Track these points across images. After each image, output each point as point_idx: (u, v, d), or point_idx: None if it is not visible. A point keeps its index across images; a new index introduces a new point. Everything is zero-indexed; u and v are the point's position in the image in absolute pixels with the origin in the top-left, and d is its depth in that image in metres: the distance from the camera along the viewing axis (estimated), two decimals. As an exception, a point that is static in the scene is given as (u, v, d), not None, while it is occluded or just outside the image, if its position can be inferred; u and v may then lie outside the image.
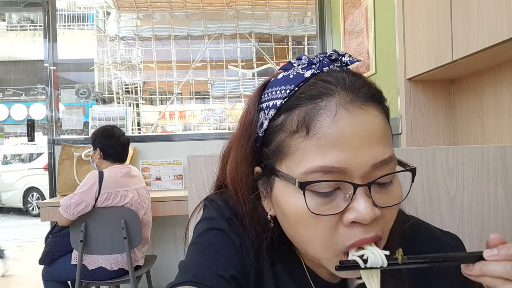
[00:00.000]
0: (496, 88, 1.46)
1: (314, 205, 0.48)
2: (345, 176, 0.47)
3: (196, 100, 12.79)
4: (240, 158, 0.56)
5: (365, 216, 0.46)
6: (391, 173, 0.49)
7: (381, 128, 0.49)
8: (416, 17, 1.61)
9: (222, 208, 0.59)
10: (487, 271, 0.45)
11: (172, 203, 2.68)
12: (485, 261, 0.46)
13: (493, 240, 0.47)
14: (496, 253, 0.46)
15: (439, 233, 0.63)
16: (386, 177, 0.49)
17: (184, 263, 0.55)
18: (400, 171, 0.51)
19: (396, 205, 0.50)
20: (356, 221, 0.47)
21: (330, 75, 0.51)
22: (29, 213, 8.47)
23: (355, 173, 0.47)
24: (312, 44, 11.85)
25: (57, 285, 2.35)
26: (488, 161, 0.93)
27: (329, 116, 0.47)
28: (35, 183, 8.46)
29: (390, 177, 0.50)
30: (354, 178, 0.47)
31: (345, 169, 0.47)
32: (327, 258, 0.50)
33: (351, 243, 0.48)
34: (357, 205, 0.47)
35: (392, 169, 0.50)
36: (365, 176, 0.47)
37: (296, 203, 0.49)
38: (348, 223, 0.47)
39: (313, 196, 0.48)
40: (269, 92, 0.55)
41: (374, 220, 0.47)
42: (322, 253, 0.50)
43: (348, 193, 0.47)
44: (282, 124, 0.51)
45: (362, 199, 0.47)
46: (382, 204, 0.48)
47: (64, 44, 11.73)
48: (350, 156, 0.47)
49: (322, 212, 0.48)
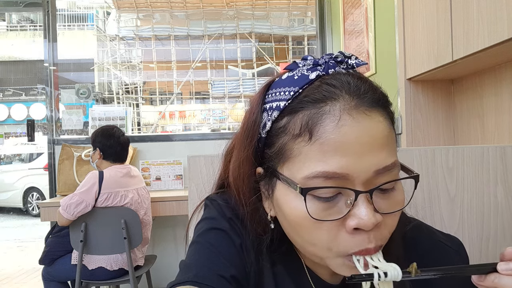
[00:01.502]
0: (496, 88, 1.46)
1: (315, 210, 0.48)
2: (347, 182, 0.47)
3: (196, 100, 12.79)
4: (242, 159, 0.56)
5: (367, 222, 0.46)
6: (393, 180, 0.49)
7: (385, 134, 0.49)
8: (416, 17, 1.61)
9: (223, 208, 0.59)
10: (500, 284, 0.45)
11: (172, 203, 2.67)
12: (498, 273, 0.46)
13: (508, 254, 0.46)
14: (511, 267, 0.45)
15: (440, 236, 0.63)
16: (388, 184, 0.48)
17: (185, 263, 0.55)
18: (403, 178, 0.50)
19: (398, 211, 0.50)
20: (358, 228, 0.47)
21: (335, 78, 0.50)
22: (29, 213, 8.47)
23: (357, 179, 0.47)
24: (312, 44, 11.85)
25: (57, 285, 2.35)
26: (488, 161, 0.93)
27: (333, 121, 0.47)
28: (35, 183, 8.46)
29: (393, 183, 0.49)
30: (356, 184, 0.47)
31: (347, 175, 0.46)
32: (329, 258, 0.50)
33: (354, 251, 0.48)
34: (359, 212, 0.46)
35: (395, 175, 0.49)
36: (367, 182, 0.47)
37: (297, 207, 0.49)
38: (350, 230, 0.47)
39: (314, 201, 0.48)
40: (273, 93, 0.54)
41: (376, 226, 0.47)
42: (324, 254, 0.50)
43: (350, 199, 0.47)
44: (285, 127, 0.51)
45: (364, 205, 0.46)
46: (384, 210, 0.48)
47: (64, 44, 11.73)
48: (352, 162, 0.46)
49: (323, 218, 0.47)
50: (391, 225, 0.50)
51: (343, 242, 0.48)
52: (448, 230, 0.67)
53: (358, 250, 0.47)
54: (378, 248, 0.48)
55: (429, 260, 0.48)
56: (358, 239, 0.47)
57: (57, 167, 3.03)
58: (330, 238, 0.48)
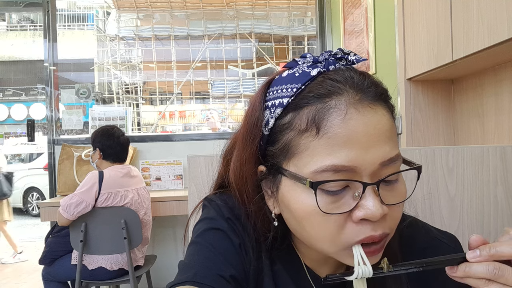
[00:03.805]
0: (496, 88, 1.46)
1: (324, 204, 0.48)
2: (355, 175, 0.48)
3: (196, 100, 12.79)
4: (245, 157, 0.56)
5: (375, 213, 0.47)
6: (399, 171, 0.50)
7: (389, 127, 0.50)
8: (416, 17, 1.61)
9: (221, 208, 0.59)
10: (471, 273, 0.46)
11: (172, 203, 2.68)
12: (468, 262, 0.47)
13: (474, 242, 0.48)
14: (478, 254, 0.46)
15: (436, 232, 0.64)
16: (392, 175, 0.50)
17: (184, 263, 0.55)
18: (407, 169, 0.52)
19: (402, 202, 0.51)
20: (365, 218, 0.48)
21: (338, 74, 0.51)
22: (29, 213, 8.46)
23: (364, 171, 0.48)
24: (312, 44, 11.85)
25: (57, 285, 2.35)
26: (488, 161, 0.93)
27: (340, 115, 0.47)
28: (35, 183, 8.45)
29: (396, 175, 0.50)
30: (363, 177, 0.48)
31: (355, 168, 0.47)
32: (335, 252, 0.51)
33: (359, 239, 0.48)
34: (366, 203, 0.47)
35: (398, 167, 0.51)
36: (373, 174, 0.48)
37: (305, 202, 0.50)
38: (357, 220, 0.48)
39: (322, 195, 0.48)
40: (274, 90, 0.54)
41: (382, 218, 0.48)
42: (330, 247, 0.51)
43: (357, 191, 0.48)
44: (290, 123, 0.51)
45: (371, 197, 0.47)
46: (389, 201, 0.49)
47: (64, 44, 11.74)
48: (359, 155, 0.47)
49: (331, 211, 0.48)
50: (396, 216, 0.51)
51: (349, 232, 0.49)
52: (448, 230, 0.67)
53: (363, 237, 0.48)
54: (383, 236, 0.49)
55: (425, 257, 0.49)
56: (363, 228, 0.48)
57: (57, 167, 3.03)
58: (337, 230, 0.49)
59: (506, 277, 0.44)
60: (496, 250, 0.46)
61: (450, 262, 0.48)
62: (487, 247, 0.46)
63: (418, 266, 0.48)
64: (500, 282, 0.45)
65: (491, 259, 0.46)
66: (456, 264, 0.48)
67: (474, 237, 0.48)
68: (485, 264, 0.46)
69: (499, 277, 0.45)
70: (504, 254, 0.45)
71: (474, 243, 0.48)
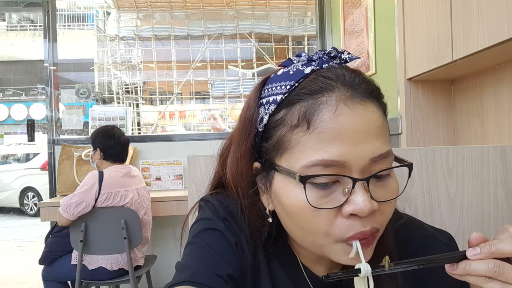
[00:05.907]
0: (496, 88, 1.46)
1: (314, 198, 0.49)
2: (344, 170, 0.48)
3: (196, 100, 12.78)
4: (240, 154, 0.57)
5: (363, 208, 0.47)
6: (389, 168, 0.50)
7: (379, 123, 0.50)
8: (416, 17, 1.61)
9: (217, 208, 0.60)
10: (471, 270, 0.46)
11: (172, 203, 2.68)
12: (468, 260, 0.47)
13: (474, 239, 0.48)
14: (478, 251, 0.46)
15: (432, 231, 0.64)
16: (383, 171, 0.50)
17: (181, 263, 0.56)
18: (398, 166, 0.52)
19: (392, 199, 0.51)
20: (354, 213, 0.48)
21: (330, 71, 0.52)
22: (26, 213, 8.46)
23: (354, 167, 0.48)
24: (312, 44, 11.84)
25: (57, 285, 2.35)
26: (488, 161, 0.93)
27: (330, 111, 0.48)
28: (31, 183, 8.44)
29: (389, 171, 0.51)
30: (353, 172, 0.48)
31: (345, 163, 0.48)
32: (327, 245, 0.51)
33: (350, 235, 0.49)
34: (356, 198, 0.48)
35: (390, 164, 0.51)
36: (364, 170, 0.48)
37: (296, 197, 0.50)
38: (347, 215, 0.49)
39: (312, 190, 0.49)
40: (269, 88, 0.56)
41: (371, 213, 0.48)
42: (322, 241, 0.51)
43: (347, 187, 0.48)
44: (283, 119, 0.52)
45: (361, 192, 0.48)
46: (380, 198, 0.49)
47: (64, 44, 11.74)
48: (349, 150, 0.48)
49: (321, 206, 0.49)
50: (387, 212, 0.52)
51: (339, 226, 0.49)
52: (448, 230, 0.67)
53: (353, 233, 0.49)
54: (374, 231, 0.49)
55: (421, 255, 0.49)
56: (353, 223, 0.49)
57: (57, 167, 3.03)
58: (327, 224, 0.49)
59: (506, 275, 0.45)
60: (496, 248, 0.46)
61: (450, 260, 0.48)
62: (487, 244, 0.46)
63: (419, 264, 0.48)
64: (500, 279, 0.45)
65: (491, 256, 0.46)
66: (457, 262, 0.48)
67: (474, 234, 0.48)
68: (485, 261, 0.46)
69: (499, 275, 0.45)
70: (505, 251, 0.45)
71: (474, 240, 0.48)
